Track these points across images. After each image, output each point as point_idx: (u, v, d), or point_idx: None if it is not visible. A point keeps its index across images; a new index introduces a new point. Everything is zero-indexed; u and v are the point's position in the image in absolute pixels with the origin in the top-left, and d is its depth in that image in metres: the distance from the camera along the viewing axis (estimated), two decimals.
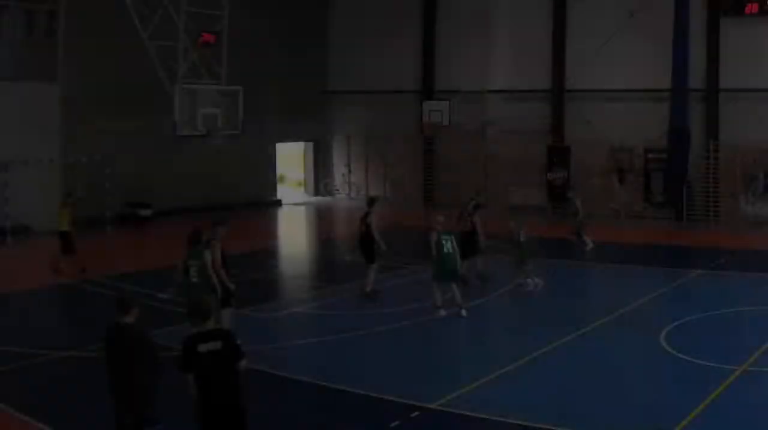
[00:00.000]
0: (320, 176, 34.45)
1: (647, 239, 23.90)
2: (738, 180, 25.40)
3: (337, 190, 34.27)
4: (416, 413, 9.86)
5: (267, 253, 22.06)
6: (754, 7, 24.88)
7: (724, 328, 13.82)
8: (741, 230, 24.85)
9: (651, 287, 16.75)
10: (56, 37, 25.00)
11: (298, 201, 33.36)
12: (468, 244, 16.62)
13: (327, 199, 33.84)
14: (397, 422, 9.53)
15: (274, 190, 32.98)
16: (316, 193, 34.37)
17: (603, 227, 25.90)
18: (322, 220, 30.21)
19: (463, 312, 14.55)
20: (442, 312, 14.52)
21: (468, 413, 9.87)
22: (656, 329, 13.28)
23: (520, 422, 9.43)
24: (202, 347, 7.31)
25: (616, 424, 9.47)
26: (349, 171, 33.78)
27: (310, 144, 34.36)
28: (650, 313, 14.83)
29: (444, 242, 14.65)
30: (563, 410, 9.89)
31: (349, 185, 33.89)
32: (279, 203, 32.40)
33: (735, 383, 10.73)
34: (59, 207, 18.75)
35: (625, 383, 11.12)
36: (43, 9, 25.15)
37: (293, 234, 27.94)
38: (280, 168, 34.49)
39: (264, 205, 31.34)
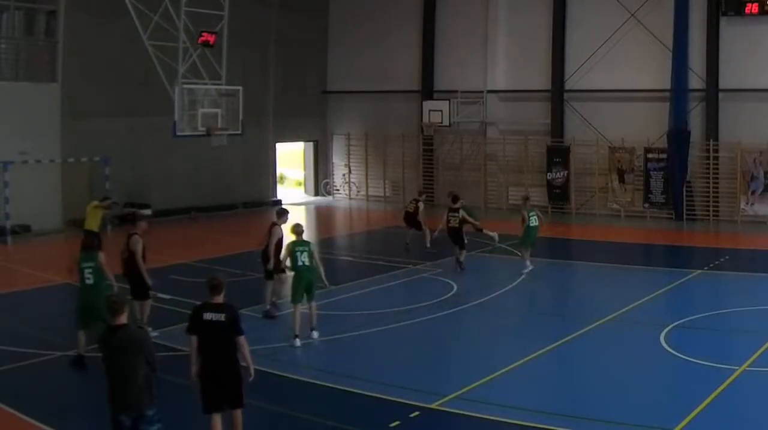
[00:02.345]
0: (320, 176, 34.43)
1: (647, 239, 23.88)
2: (738, 180, 25.38)
3: (337, 190, 34.25)
4: (416, 413, 9.86)
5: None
6: (754, 7, 24.84)
7: (724, 328, 13.82)
8: (741, 229, 24.84)
9: (651, 287, 16.73)
10: (56, 37, 25.00)
11: (298, 201, 33.33)
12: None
13: (327, 199, 33.81)
14: (397, 422, 9.53)
15: (274, 190, 32.96)
16: (316, 193, 34.34)
17: (603, 226, 25.96)
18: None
19: (315, 334, 13.01)
20: (298, 342, 12.71)
21: (468, 413, 9.87)
22: (656, 329, 13.29)
23: (520, 422, 9.44)
24: (207, 316, 8.26)
25: (616, 424, 9.46)
26: (349, 171, 33.78)
27: (310, 144, 34.33)
28: (650, 313, 14.81)
29: (298, 253, 12.74)
30: (563, 410, 9.90)
31: (349, 185, 33.88)
32: (279, 203, 32.33)
33: (735, 383, 10.73)
34: (92, 207, 18.58)
35: (625, 383, 11.11)
36: (43, 9, 25.15)
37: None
38: (280, 168, 34.49)
39: (264, 205, 31.32)
